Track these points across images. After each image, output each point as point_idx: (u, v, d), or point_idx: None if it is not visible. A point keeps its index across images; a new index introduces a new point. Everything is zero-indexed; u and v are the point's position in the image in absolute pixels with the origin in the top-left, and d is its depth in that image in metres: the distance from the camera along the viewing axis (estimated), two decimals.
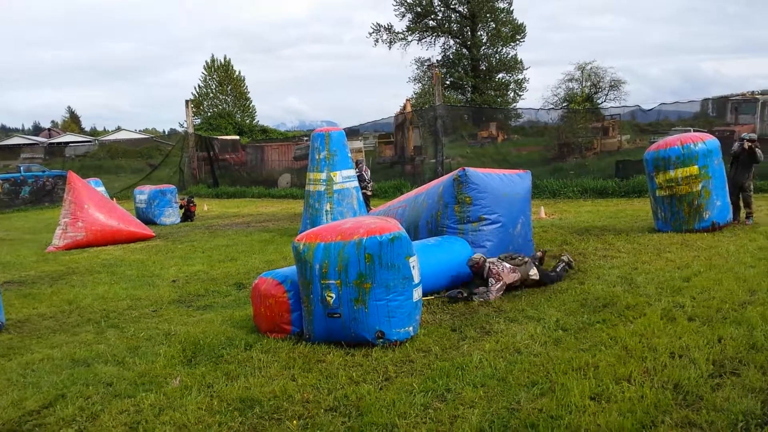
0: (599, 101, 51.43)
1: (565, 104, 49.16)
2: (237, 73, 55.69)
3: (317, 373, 5.15)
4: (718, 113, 22.93)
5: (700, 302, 6.45)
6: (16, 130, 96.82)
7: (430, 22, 51.64)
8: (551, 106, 49.99)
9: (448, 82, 53.21)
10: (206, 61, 55.63)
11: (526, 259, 7.63)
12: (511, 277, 7.31)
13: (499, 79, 52.80)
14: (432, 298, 7.17)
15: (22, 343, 6.84)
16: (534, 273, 7.53)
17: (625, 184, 17.43)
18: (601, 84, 52.21)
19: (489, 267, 7.30)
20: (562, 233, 11.52)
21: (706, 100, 21.58)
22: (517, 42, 51.75)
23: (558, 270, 7.95)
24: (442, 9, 51.48)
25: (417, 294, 5.90)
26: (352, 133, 32.13)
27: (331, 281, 5.64)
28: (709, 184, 10.13)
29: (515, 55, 51.90)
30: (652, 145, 11.11)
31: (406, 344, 5.70)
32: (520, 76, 52.77)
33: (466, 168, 8.30)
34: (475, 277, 7.53)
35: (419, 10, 50.71)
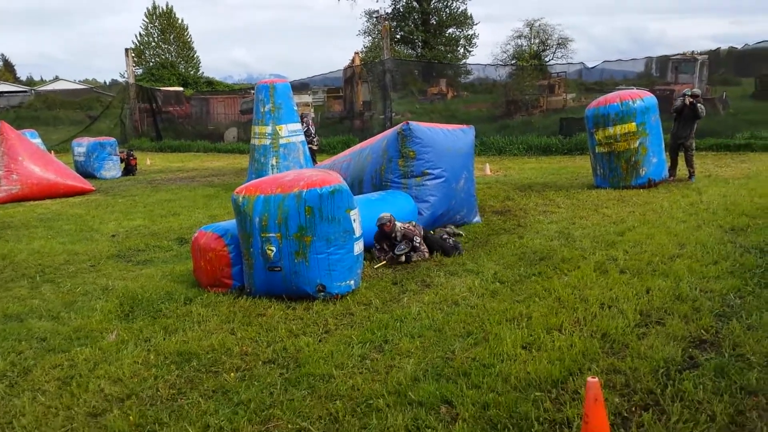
0: (547, 59, 51.86)
1: (513, 61, 49.35)
2: (180, 21, 53.73)
3: (257, 326, 5.16)
4: (661, 73, 23.45)
5: (632, 256, 6.69)
6: None
7: None
8: (500, 63, 50.11)
9: (398, 36, 52.61)
10: (147, 8, 53.47)
11: (414, 224, 7.42)
12: (418, 232, 7.21)
13: (449, 34, 52.50)
14: (383, 264, 6.97)
15: None
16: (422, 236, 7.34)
17: (568, 142, 17.76)
18: (549, 41, 52.65)
19: (402, 228, 7.09)
20: (506, 189, 11.71)
21: (648, 58, 21.98)
22: None
23: (453, 242, 7.51)
24: None
25: (358, 247, 5.93)
26: (301, 87, 31.57)
27: (271, 234, 5.61)
28: (646, 141, 10.42)
29: (465, 9, 51.65)
30: (593, 102, 11.30)
31: (347, 297, 5.76)
32: (470, 32, 52.67)
33: (410, 122, 8.28)
34: (382, 237, 7.14)
35: None
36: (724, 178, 11.63)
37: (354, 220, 5.82)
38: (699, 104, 10.95)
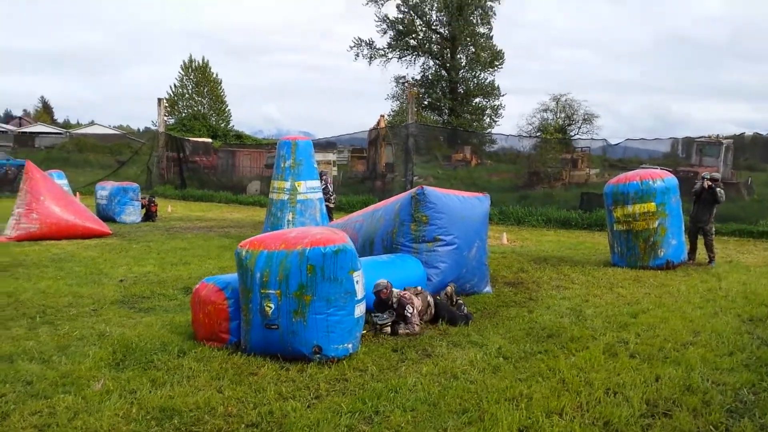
0: (572, 133, 52.23)
1: (538, 133, 49.78)
2: (214, 75, 55.29)
3: (246, 386, 4.99)
4: (687, 154, 23.42)
5: (644, 339, 6.44)
6: None
7: (411, 41, 52.01)
8: (525, 135, 50.58)
9: (425, 103, 53.60)
10: (184, 61, 55.12)
11: (420, 289, 7.17)
12: (418, 303, 6.84)
13: (476, 103, 53.32)
14: (366, 332, 6.45)
15: None
16: (430, 303, 7.09)
17: (588, 217, 17.58)
18: (574, 116, 53.09)
19: (398, 296, 6.73)
20: (520, 261, 11.53)
21: (673, 139, 21.96)
22: (496, 68, 52.35)
23: (465, 310, 7.33)
24: (424, 29, 51.94)
25: (359, 310, 5.79)
26: (328, 145, 32.06)
27: (271, 291, 5.50)
28: (666, 222, 10.24)
29: (493, 80, 52.51)
30: (613, 179, 11.21)
31: (344, 362, 5.57)
32: (497, 102, 53.36)
33: (424, 186, 8.25)
34: (379, 305, 6.75)
35: (401, 28, 51.08)
36: (745, 265, 11.33)
37: (357, 282, 5.70)
38: (718, 188, 10.80)
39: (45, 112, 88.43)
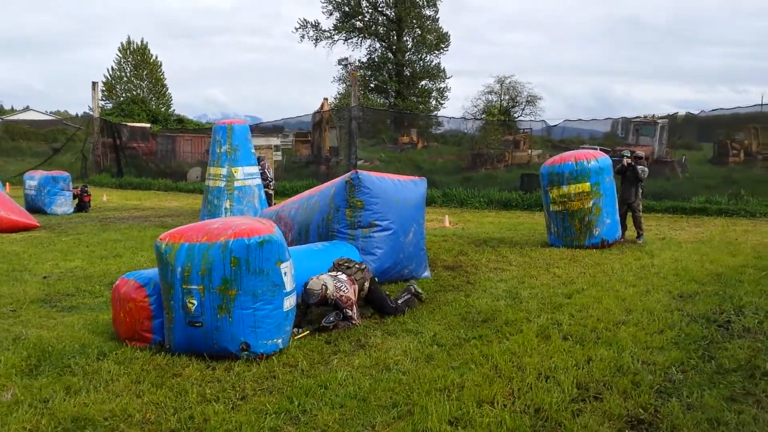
0: (516, 115, 52.84)
1: (482, 115, 50.15)
2: (154, 57, 53.51)
3: (167, 389, 4.74)
4: (627, 134, 23.90)
5: (578, 320, 6.47)
6: None
7: (357, 23, 51.52)
8: (470, 117, 50.89)
9: (372, 85, 53.28)
10: (122, 43, 53.14)
11: (364, 266, 6.81)
12: (353, 292, 6.46)
13: (422, 86, 53.30)
14: (307, 334, 6.08)
15: None
16: (367, 287, 6.71)
17: (528, 197, 17.78)
18: (518, 98, 53.65)
19: (336, 296, 6.26)
20: (461, 243, 11.51)
21: (609, 119, 22.38)
22: (441, 50, 52.41)
23: (399, 302, 6.87)
24: (370, 11, 51.48)
25: (288, 303, 5.59)
26: (275, 129, 31.49)
27: (193, 286, 5.25)
28: (600, 202, 10.36)
29: (439, 63, 52.56)
30: (548, 159, 11.28)
31: (273, 358, 5.38)
32: (443, 85, 53.50)
33: (358, 170, 8.07)
34: (311, 305, 6.35)
35: (347, 9, 50.49)
36: (677, 241, 11.61)
37: (285, 274, 5.49)
38: (639, 166, 10.96)
39: None
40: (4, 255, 10.79)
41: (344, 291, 6.31)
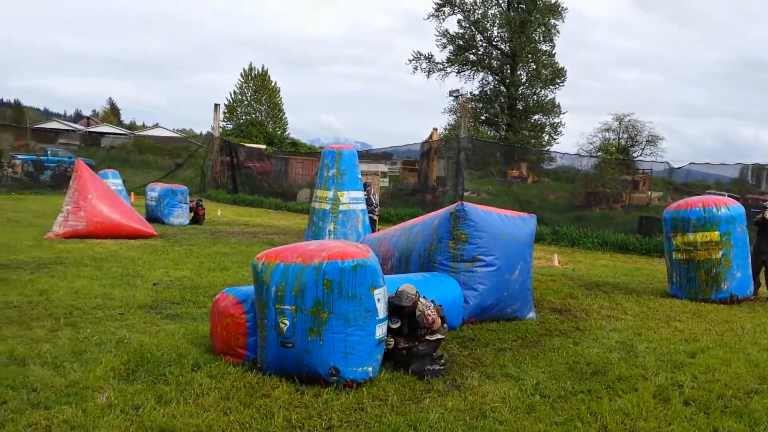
0: (635, 155, 50.69)
1: (599, 153, 48.47)
2: (273, 83, 56.03)
3: (254, 409, 4.62)
4: (759, 182, 22.15)
5: (702, 383, 5.77)
6: (58, 115, 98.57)
7: (471, 56, 51.55)
8: (585, 154, 49.34)
9: (483, 118, 52.98)
10: (244, 69, 56.11)
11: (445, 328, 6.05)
12: (435, 321, 5.84)
13: (534, 120, 52.36)
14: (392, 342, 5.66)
15: None
16: (440, 335, 5.91)
17: (647, 242, 16.64)
18: (638, 137, 51.55)
19: (423, 311, 5.73)
20: (570, 285, 10.86)
21: (739, 164, 20.72)
22: (557, 86, 51.35)
23: (435, 368, 5.74)
24: (484, 45, 51.40)
25: (381, 330, 5.35)
26: (384, 156, 31.88)
27: (286, 306, 5.14)
28: (730, 253, 9.42)
29: (554, 98, 51.51)
30: (673, 204, 10.44)
31: (363, 389, 5.14)
32: (557, 120, 52.28)
33: (464, 202, 7.77)
34: (396, 314, 5.73)
35: (461, 43, 50.69)
36: None
37: (378, 300, 5.27)
38: None
39: (112, 113, 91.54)
40: (122, 260, 11.32)
41: (430, 311, 5.86)
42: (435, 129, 25.55)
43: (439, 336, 5.89)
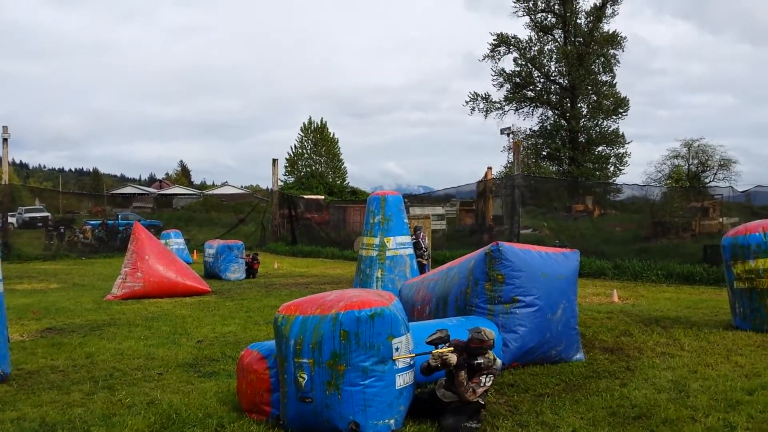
0: (707, 180, 48.69)
1: (667, 181, 46.83)
2: (331, 134, 57.30)
3: None
4: None
5: (758, 423, 5.27)
6: (133, 180, 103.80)
7: (529, 92, 51.25)
8: (653, 183, 47.82)
9: (544, 153, 52.24)
10: (303, 123, 57.73)
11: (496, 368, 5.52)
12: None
13: (598, 152, 51.22)
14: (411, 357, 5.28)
15: (13, 397, 6.62)
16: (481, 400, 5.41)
17: (715, 271, 15.72)
18: (709, 162, 49.49)
19: (489, 365, 5.29)
20: (627, 322, 10.28)
21: None
22: (620, 116, 50.23)
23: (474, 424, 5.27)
24: (542, 80, 51.04)
25: (402, 380, 5.15)
26: (446, 198, 31.80)
27: (304, 360, 5.04)
28: None
29: (617, 128, 50.33)
30: (731, 230, 9.82)
31: None
32: (621, 150, 50.92)
33: (500, 242, 7.52)
34: (469, 354, 5.31)
35: (518, 80, 50.51)
36: None
37: (397, 349, 5.09)
38: None
39: (183, 175, 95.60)
40: (172, 318, 11.53)
41: (489, 380, 5.34)
42: (489, 168, 25.37)
43: (480, 401, 5.39)
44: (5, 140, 26.68)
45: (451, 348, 5.31)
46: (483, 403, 5.43)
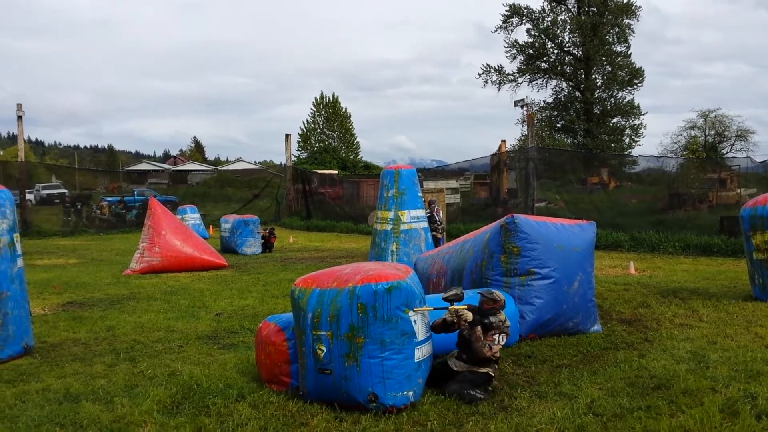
0: (724, 151, 48.07)
1: (684, 152, 46.29)
2: (344, 109, 57.05)
3: None
4: None
5: None
6: (148, 157, 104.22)
7: (543, 64, 50.62)
8: (670, 154, 47.22)
9: (559, 125, 51.71)
10: (315, 98, 57.49)
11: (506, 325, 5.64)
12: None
13: (613, 123, 50.64)
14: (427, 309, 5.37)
15: (37, 369, 6.74)
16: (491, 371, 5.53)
17: (734, 242, 15.57)
18: (726, 133, 48.81)
19: (499, 325, 5.47)
20: (644, 293, 10.25)
21: None
22: (635, 86, 49.54)
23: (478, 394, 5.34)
24: (556, 51, 50.36)
25: (420, 353, 5.17)
26: (460, 171, 31.68)
27: (322, 332, 5.06)
28: None
29: (632, 99, 49.67)
30: (750, 201, 9.70)
31: (404, 413, 4.97)
32: (637, 122, 50.34)
33: (515, 214, 7.48)
34: (482, 315, 5.50)
35: (531, 52, 49.87)
36: None
37: (415, 322, 5.10)
38: None
39: (197, 151, 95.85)
40: (190, 292, 11.65)
41: (497, 346, 5.51)
42: (503, 141, 25.13)
43: (489, 371, 5.52)
44: (20, 118, 26.78)
45: (467, 306, 5.44)
46: (492, 374, 5.50)
